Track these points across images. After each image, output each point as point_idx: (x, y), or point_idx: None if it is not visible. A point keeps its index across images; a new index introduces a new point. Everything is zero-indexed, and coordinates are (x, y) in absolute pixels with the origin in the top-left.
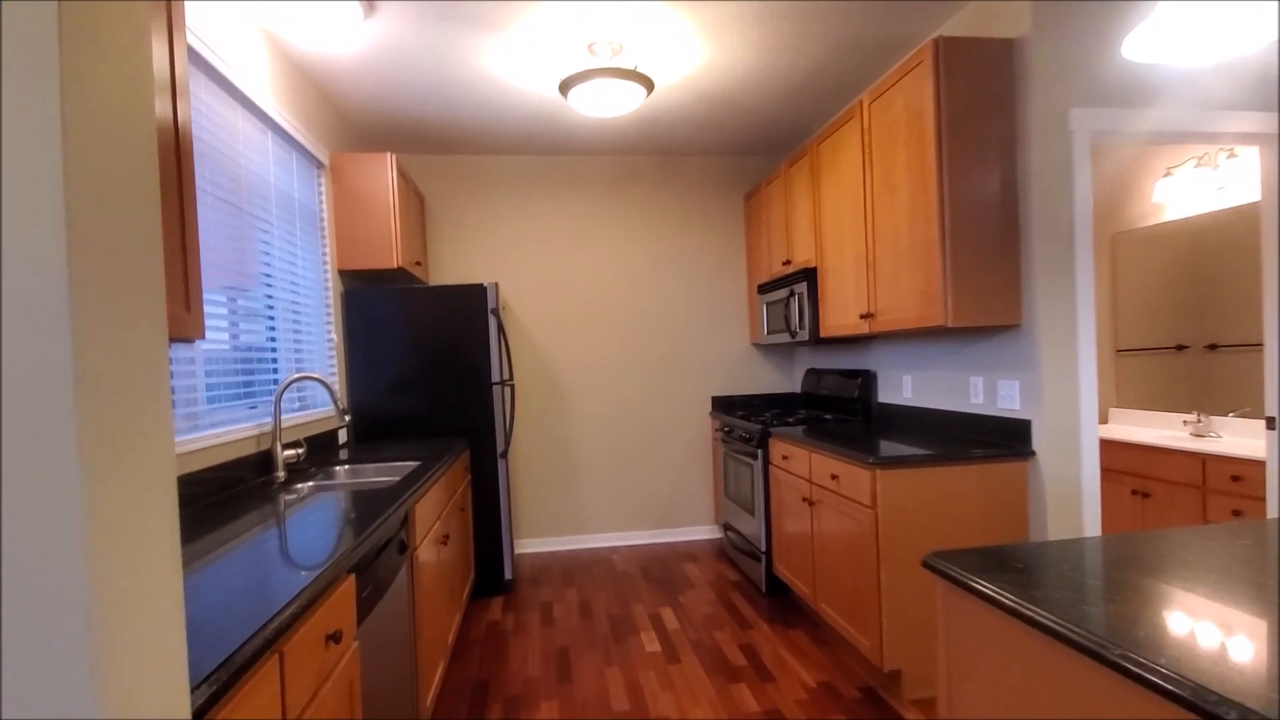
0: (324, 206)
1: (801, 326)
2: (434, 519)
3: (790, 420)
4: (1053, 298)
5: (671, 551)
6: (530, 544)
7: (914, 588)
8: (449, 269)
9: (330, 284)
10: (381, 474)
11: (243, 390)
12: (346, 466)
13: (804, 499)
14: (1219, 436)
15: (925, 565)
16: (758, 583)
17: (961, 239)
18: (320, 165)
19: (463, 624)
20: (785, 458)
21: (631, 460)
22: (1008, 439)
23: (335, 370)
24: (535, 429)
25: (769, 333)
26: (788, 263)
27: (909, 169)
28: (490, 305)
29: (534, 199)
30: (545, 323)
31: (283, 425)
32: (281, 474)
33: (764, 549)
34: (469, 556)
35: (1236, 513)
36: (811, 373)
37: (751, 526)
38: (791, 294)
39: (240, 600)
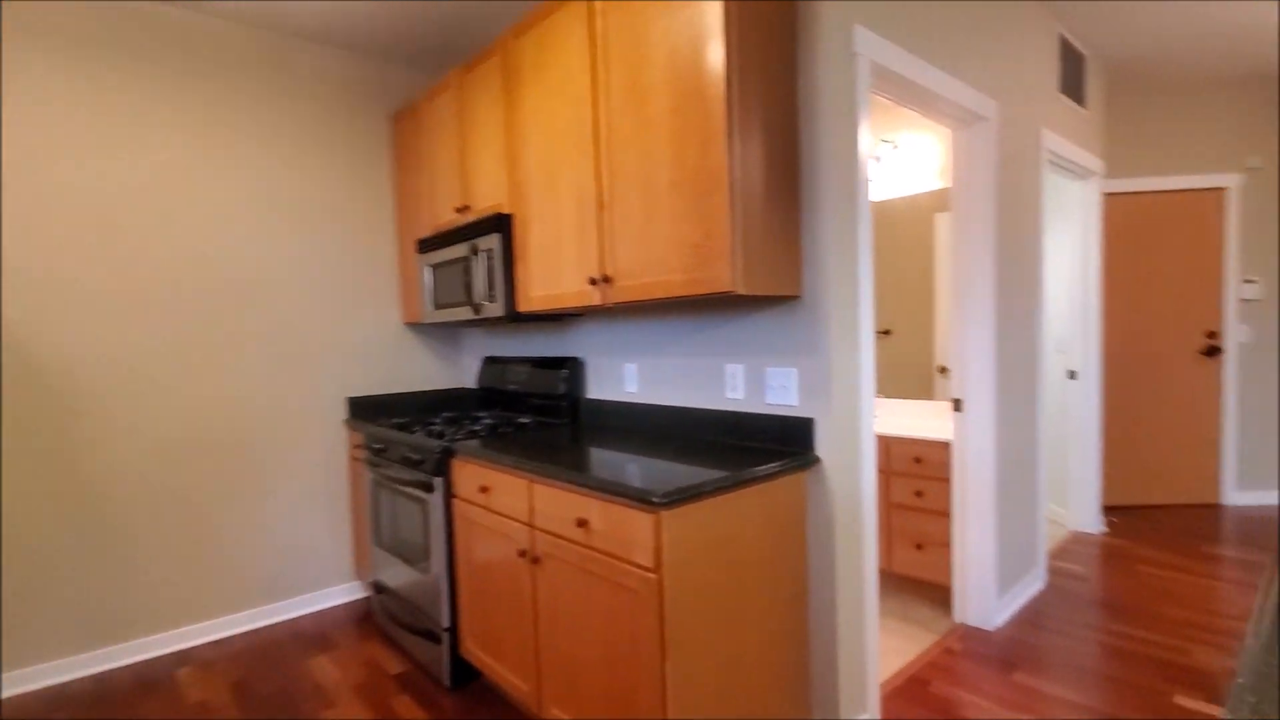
0: None
1: (493, 298)
2: None
3: (478, 429)
4: (843, 262)
5: (290, 635)
6: (20, 677)
7: (711, 681)
8: None
9: None
10: None
11: None
12: None
13: (521, 552)
14: (875, 417)
15: None
16: (436, 673)
17: (752, 172)
18: None
19: None
20: (484, 489)
21: (218, 500)
22: (783, 443)
23: None
24: (17, 466)
25: (438, 307)
26: (464, 209)
27: (674, 63)
28: None
29: (30, 62)
30: (41, 283)
31: None
32: None
33: (447, 624)
34: None
35: (919, 494)
36: (493, 362)
37: (422, 589)
38: (474, 252)
39: None
